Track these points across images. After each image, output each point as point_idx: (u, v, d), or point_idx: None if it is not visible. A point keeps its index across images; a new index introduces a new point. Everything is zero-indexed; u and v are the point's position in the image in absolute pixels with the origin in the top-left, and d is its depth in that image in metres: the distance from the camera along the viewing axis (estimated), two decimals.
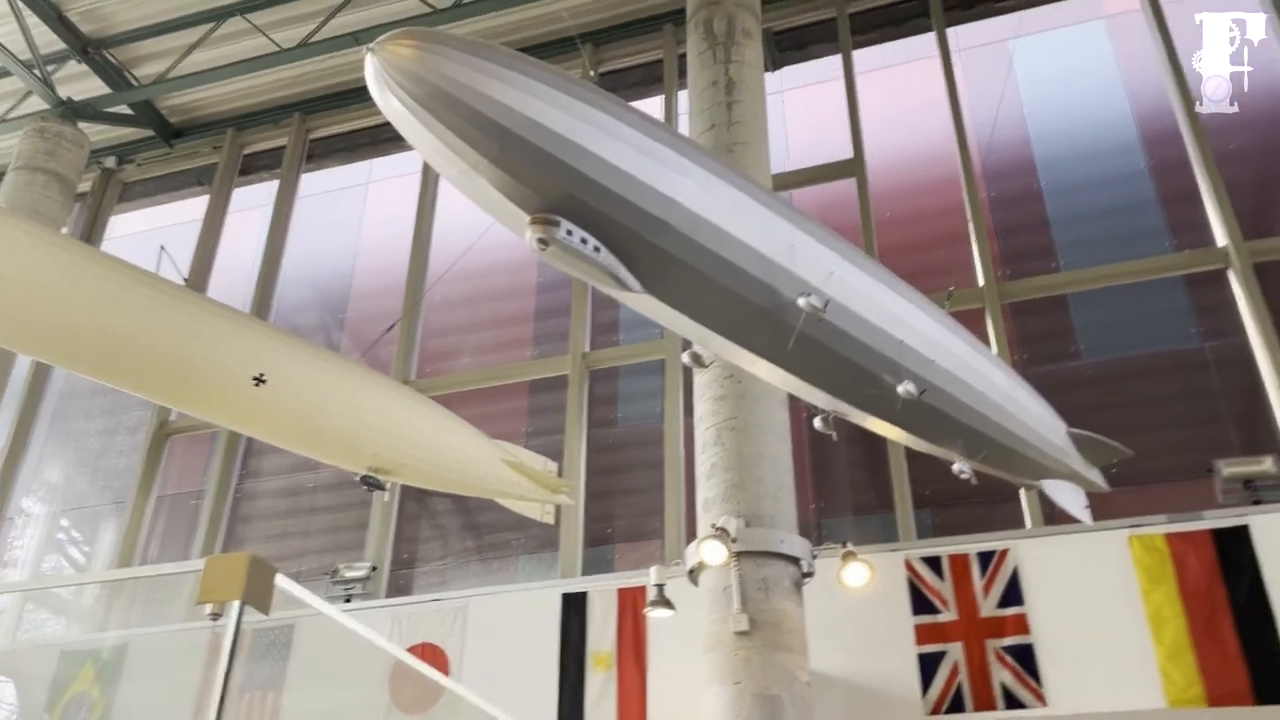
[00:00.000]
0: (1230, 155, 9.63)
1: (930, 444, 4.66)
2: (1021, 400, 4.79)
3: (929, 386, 4.24)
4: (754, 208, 3.79)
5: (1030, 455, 4.86)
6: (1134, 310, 9.51)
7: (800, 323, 3.84)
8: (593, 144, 3.33)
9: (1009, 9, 11.01)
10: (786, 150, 11.27)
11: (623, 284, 3.53)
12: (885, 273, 4.29)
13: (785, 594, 6.96)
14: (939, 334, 4.33)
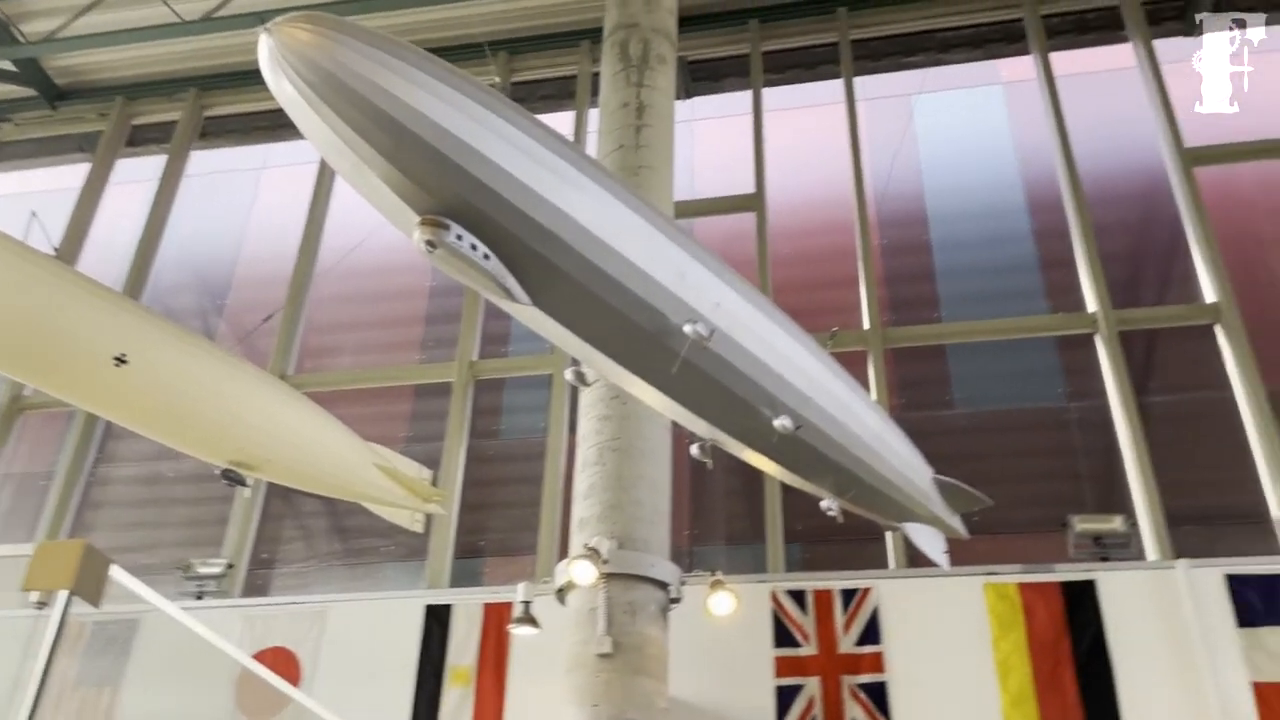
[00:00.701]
0: (1109, 226, 10.14)
1: (802, 479, 4.74)
2: (892, 443, 4.92)
3: (805, 423, 4.31)
4: (648, 230, 3.80)
5: (896, 497, 4.99)
6: (1007, 366, 9.89)
7: (685, 349, 3.85)
8: (490, 150, 3.28)
9: (914, 65, 11.39)
10: (692, 178, 11.41)
11: (510, 294, 3.48)
12: (772, 308, 4.35)
13: (651, 619, 6.95)
14: (819, 372, 4.41)
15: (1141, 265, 10.33)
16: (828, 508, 4.76)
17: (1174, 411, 9.27)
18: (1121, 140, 10.59)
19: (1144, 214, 10.29)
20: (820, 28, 11.24)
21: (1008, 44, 11.06)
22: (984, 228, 10.73)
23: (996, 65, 11.54)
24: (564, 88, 11.63)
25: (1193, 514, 8.48)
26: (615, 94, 9.14)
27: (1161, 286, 9.97)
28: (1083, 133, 10.32)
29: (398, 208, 3.28)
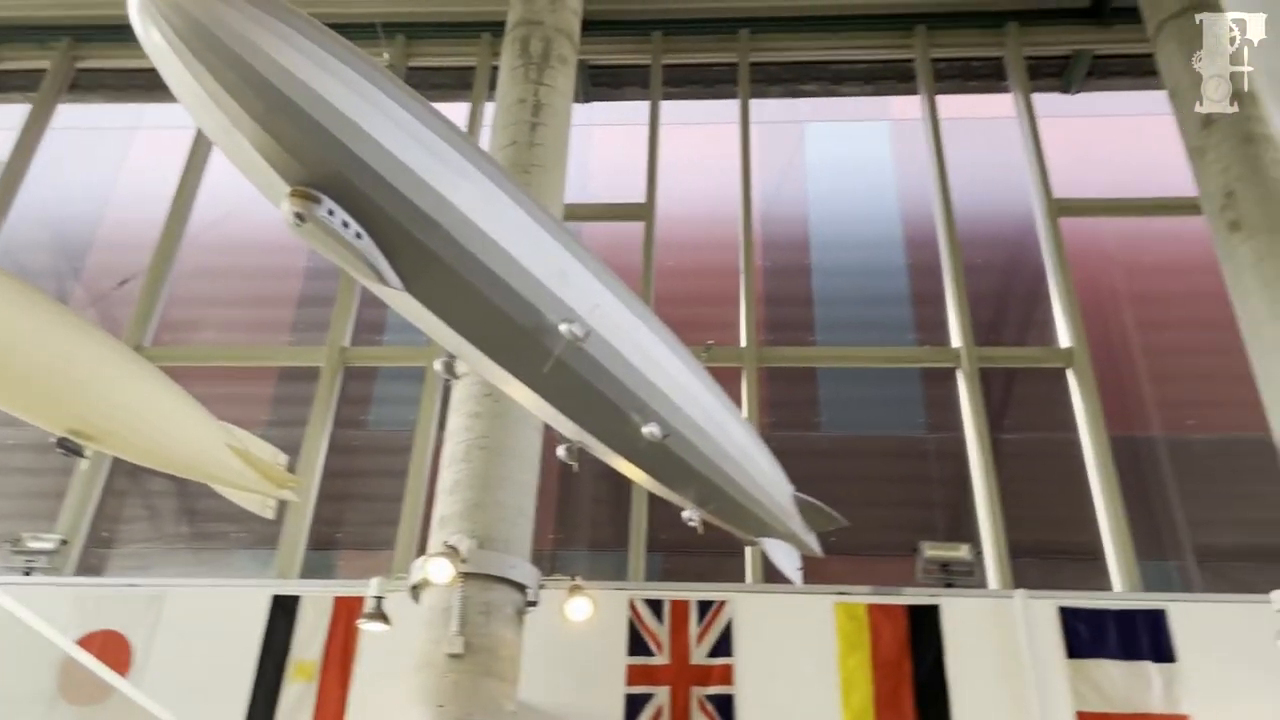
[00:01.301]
0: (979, 267, 10.57)
1: (666, 488, 4.75)
2: (757, 459, 4.98)
3: (673, 432, 4.31)
4: (531, 226, 3.74)
5: (757, 512, 5.05)
6: (874, 393, 10.20)
7: (559, 349, 3.81)
8: (372, 126, 3.17)
9: (808, 93, 11.67)
10: (585, 182, 11.40)
11: (381, 277, 3.37)
12: (650, 316, 4.34)
13: (506, 621, 6.88)
14: (691, 383, 4.43)
15: (1006, 307, 10.81)
16: (689, 518, 4.78)
17: (1025, 449, 9.72)
18: (996, 186, 11.08)
19: (1012, 258, 10.77)
20: (722, 47, 11.38)
21: (898, 83, 11.43)
22: (862, 258, 11.05)
23: (887, 102, 11.92)
24: (462, 78, 11.45)
25: (1034, 547, 8.89)
26: (513, 89, 9.05)
27: (1023, 328, 10.45)
28: (961, 175, 10.74)
29: (267, 176, 3.13)
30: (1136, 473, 9.33)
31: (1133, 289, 10.53)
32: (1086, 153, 10.87)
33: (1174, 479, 9.44)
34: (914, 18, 11.15)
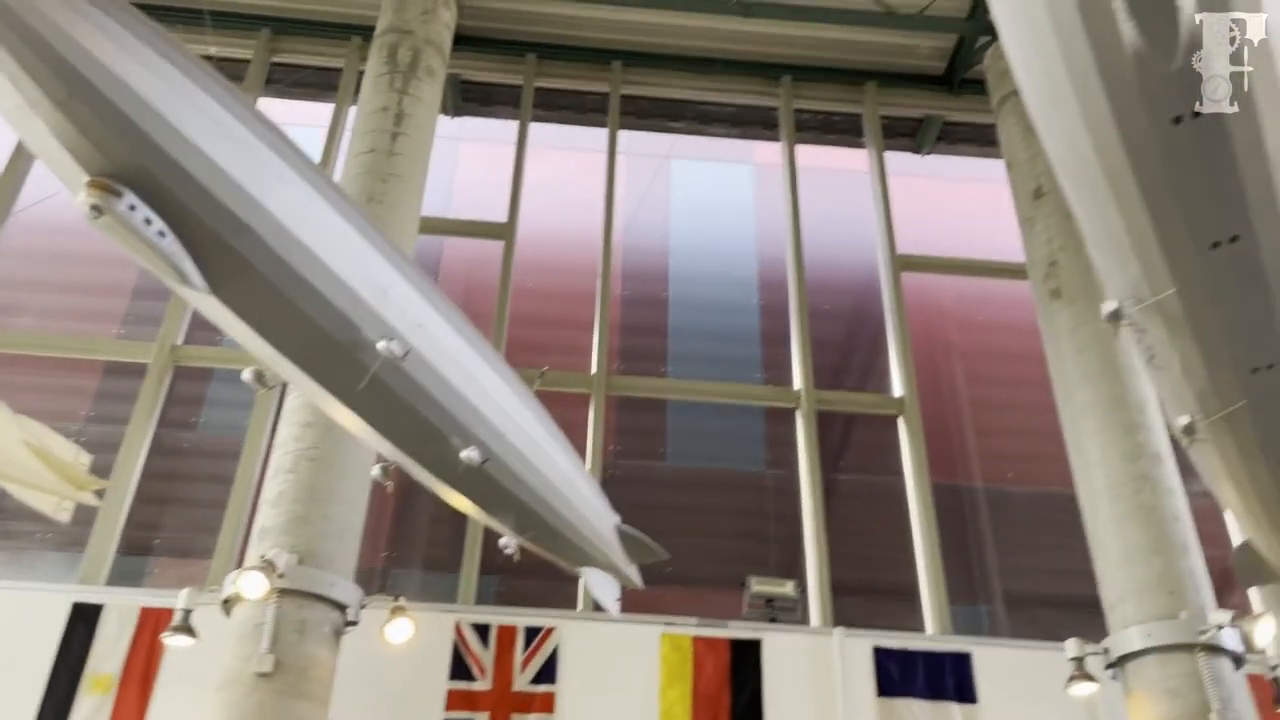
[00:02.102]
0: (826, 313, 10.92)
1: (484, 513, 4.71)
2: (580, 488, 4.99)
3: (493, 457, 4.29)
4: (355, 239, 3.67)
5: (578, 542, 5.06)
6: (720, 427, 10.38)
7: (376, 366, 3.74)
8: (184, 122, 3.06)
9: (677, 130, 11.87)
10: (449, 196, 11.27)
11: (185, 279, 3.24)
12: (478, 338, 4.32)
13: (322, 640, 6.66)
14: (516, 408, 4.42)
15: (852, 353, 11.20)
16: (505, 545, 4.75)
17: (858, 490, 10.07)
18: (849, 236, 11.49)
19: (859, 306, 11.17)
20: (595, 76, 11.47)
21: (763, 128, 11.75)
22: (717, 294, 11.28)
23: (752, 146, 12.24)
24: (328, 79, 11.17)
25: (859, 586, 9.20)
26: (376, 96, 8.91)
27: (865, 375, 10.85)
28: (817, 223, 11.10)
29: (65, 163, 2.98)
30: (957, 520, 9.78)
31: (965, 344, 11.09)
32: (932, 212, 11.41)
33: (990, 527, 9.94)
34: (780, 68, 11.49)
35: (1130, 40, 2.52)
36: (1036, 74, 2.85)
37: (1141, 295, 3.28)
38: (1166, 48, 2.53)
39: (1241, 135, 2.72)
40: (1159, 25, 2.48)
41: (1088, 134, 2.85)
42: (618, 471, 9.91)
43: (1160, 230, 3.02)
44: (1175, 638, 6.86)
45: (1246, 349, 3.35)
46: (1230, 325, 3.28)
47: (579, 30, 11.19)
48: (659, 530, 10.00)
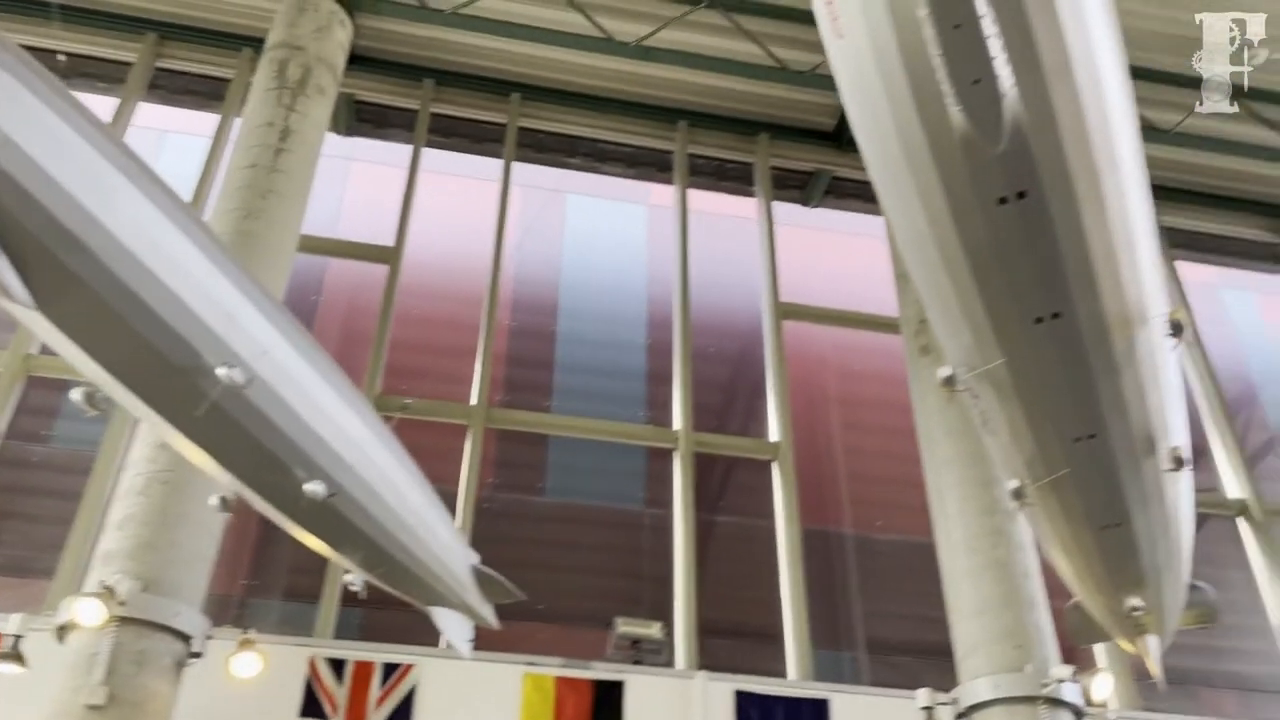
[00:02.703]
0: (711, 355, 11.05)
1: (330, 548, 4.58)
2: (434, 526, 4.90)
3: (340, 491, 4.18)
4: (200, 262, 3.56)
5: (429, 580, 4.96)
6: (601, 463, 10.36)
7: (216, 393, 3.62)
8: (16, 131, 2.92)
9: (574, 166, 11.92)
10: (338, 215, 11.06)
11: (7, 292, 3.09)
12: (331, 368, 4.21)
13: (161, 672, 6.37)
14: (367, 441, 4.32)
15: (735, 396, 11.35)
16: (350, 582, 4.63)
17: (734, 532, 10.15)
18: (737, 281, 11.68)
19: (744, 351, 11.34)
20: (492, 106, 11.46)
21: (657, 170, 11.90)
22: (606, 331, 11.31)
23: (648, 186, 12.37)
24: (215, 88, 10.89)
25: (728, 628, 9.26)
26: (262, 111, 8.72)
27: (747, 418, 10.98)
28: (707, 267, 11.26)
29: None
30: (826, 565, 9.94)
31: (843, 393, 11.35)
32: (816, 263, 11.69)
33: (858, 574, 10.14)
34: (677, 112, 11.68)
35: (959, 125, 2.63)
36: (875, 149, 2.95)
37: (974, 363, 3.41)
38: (992, 133, 2.64)
39: (1061, 218, 2.86)
40: (984, 112, 2.59)
41: (921, 209, 2.96)
42: (493, 504, 9.79)
43: (988, 304, 3.14)
44: (1020, 690, 7.10)
45: (1069, 420, 3.51)
46: (1053, 396, 3.43)
47: (479, 59, 11.17)
48: (532, 565, 9.97)
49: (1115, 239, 3.00)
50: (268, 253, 8.10)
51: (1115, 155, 2.86)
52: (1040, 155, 2.72)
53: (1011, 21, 2.45)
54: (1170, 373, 3.63)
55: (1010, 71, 2.53)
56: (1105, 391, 3.39)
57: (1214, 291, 12.82)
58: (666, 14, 10.51)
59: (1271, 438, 12.14)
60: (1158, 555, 4.19)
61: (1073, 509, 3.91)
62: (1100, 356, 3.27)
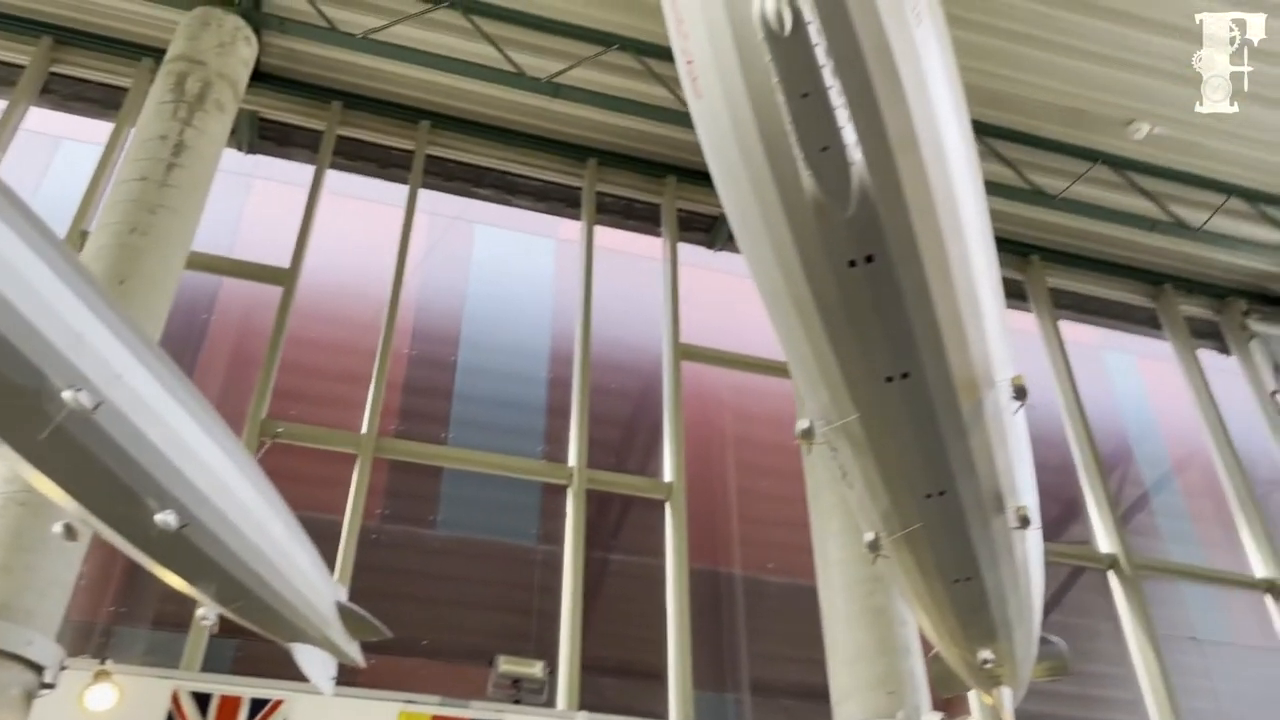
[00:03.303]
0: (611, 392, 11.08)
1: (182, 581, 4.43)
2: (297, 560, 4.78)
3: (194, 522, 4.05)
4: (49, 279, 3.42)
5: (289, 616, 4.82)
6: (495, 497, 10.25)
7: (60, 417, 3.48)
8: None
9: (482, 197, 11.88)
10: (235, 234, 10.81)
11: None
12: (191, 394, 4.09)
13: (9, 704, 6.08)
14: (226, 472, 4.20)
15: (636, 434, 11.37)
16: (203, 616, 4.48)
17: (626, 571, 10.14)
18: (642, 319, 11.75)
19: (646, 389, 11.39)
20: (401, 132, 11.38)
21: (566, 206, 11.94)
22: (508, 363, 11.25)
23: (557, 221, 12.39)
24: (113, 97, 10.58)
25: (614, 668, 9.21)
26: (156, 123, 8.52)
27: (646, 456, 11.01)
28: (613, 304, 11.30)
29: None
30: (714, 606, 9.99)
31: (738, 435, 11.47)
32: (718, 306, 11.83)
33: (745, 615, 10.20)
34: (587, 150, 11.76)
35: (810, 189, 2.70)
36: (734, 207, 3.02)
37: (831, 417, 3.48)
38: (840, 199, 2.72)
39: (908, 283, 2.95)
40: (833, 178, 2.67)
41: (778, 267, 3.03)
42: (382, 536, 9.60)
43: (841, 361, 3.22)
44: None
45: (919, 476, 3.61)
46: (904, 453, 3.52)
47: (389, 85, 11.10)
48: (420, 600, 9.81)
49: (961, 305, 3.11)
50: (153, 269, 7.88)
51: (961, 225, 2.97)
52: (887, 222, 2.80)
53: (858, 93, 2.54)
54: (1018, 435, 3.76)
55: (857, 141, 2.61)
56: (954, 450, 3.50)
57: (1097, 352, 13.35)
58: (579, 53, 10.61)
59: (1145, 494, 12.67)
60: (1008, 609, 4.32)
61: (925, 562, 4.01)
62: (948, 416, 3.38)
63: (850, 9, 2.41)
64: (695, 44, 2.61)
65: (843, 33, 2.43)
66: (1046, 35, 10.55)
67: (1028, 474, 3.93)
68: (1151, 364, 13.67)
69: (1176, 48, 10.59)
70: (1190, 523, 12.65)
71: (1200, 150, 11.77)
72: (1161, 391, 13.38)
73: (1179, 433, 12.96)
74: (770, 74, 2.49)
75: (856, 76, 2.51)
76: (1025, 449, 3.89)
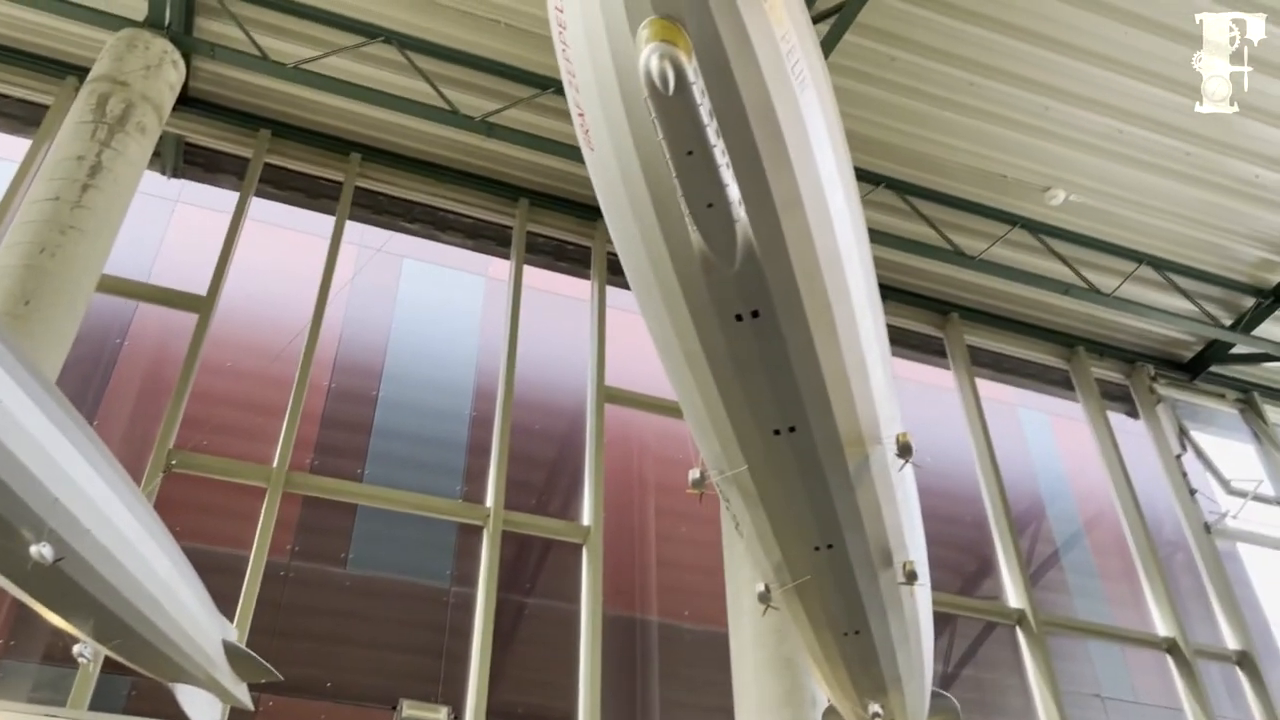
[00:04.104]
0: (535, 432, 11.00)
1: (59, 615, 4.27)
2: (182, 597, 4.64)
3: (72, 556, 3.91)
4: None
5: (173, 656, 4.67)
6: (410, 535, 10.06)
7: None
8: None
9: (411, 232, 11.82)
10: (153, 259, 10.59)
11: None
12: (73, 423, 3.96)
13: None
14: (110, 504, 4.07)
15: (559, 475, 11.29)
16: (79, 653, 4.31)
17: (541, 614, 10.00)
18: (566, 360, 11.74)
19: (570, 430, 11.34)
20: (331, 163, 11.30)
21: (496, 244, 11.93)
22: (430, 400, 11.11)
23: (488, 259, 12.37)
24: (35, 114, 10.35)
25: (524, 713, 9.05)
26: (74, 143, 8.35)
27: (568, 497, 10.94)
28: (541, 345, 11.28)
29: None
30: (629, 653, 9.91)
31: (660, 479, 11.47)
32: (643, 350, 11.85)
33: (660, 662, 10.13)
34: (519, 190, 11.81)
35: (697, 244, 2.74)
36: (627, 258, 3.05)
37: (722, 467, 3.50)
38: (726, 255, 2.76)
39: (793, 338, 3.00)
40: (718, 235, 2.72)
41: (668, 319, 3.06)
42: (292, 573, 9.37)
43: (730, 413, 3.26)
44: None
45: (808, 529, 3.65)
46: (793, 506, 3.56)
47: (319, 115, 11.03)
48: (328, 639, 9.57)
49: (847, 362, 3.17)
50: (61, 291, 7.68)
51: (846, 284, 3.03)
52: (771, 278, 2.85)
53: (742, 153, 2.59)
54: (906, 491, 3.83)
55: (741, 199, 2.66)
56: (841, 504, 3.55)
57: (1012, 410, 13.68)
58: (515, 94, 10.67)
59: (1056, 551, 12.94)
60: (898, 663, 4.36)
61: (815, 615, 4.04)
62: (835, 471, 3.43)
63: (734, 70, 2.47)
64: (585, 97, 2.66)
65: (726, 93, 2.48)
66: (970, 102, 10.92)
67: (917, 530, 4.00)
68: (1065, 423, 14.03)
69: (1095, 120, 11.05)
70: (1099, 580, 12.94)
71: (1113, 219, 12.24)
72: (1074, 450, 13.74)
73: (1090, 491, 13.30)
74: (656, 131, 2.53)
75: (740, 136, 2.57)
76: (914, 505, 3.96)
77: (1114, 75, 10.59)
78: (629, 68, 2.44)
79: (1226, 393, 14.31)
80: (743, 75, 2.48)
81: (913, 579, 3.85)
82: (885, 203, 11.77)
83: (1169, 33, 10.18)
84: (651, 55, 2.23)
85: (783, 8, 2.50)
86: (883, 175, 11.65)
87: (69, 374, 8.53)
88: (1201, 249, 12.64)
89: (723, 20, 2.35)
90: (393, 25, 10.33)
